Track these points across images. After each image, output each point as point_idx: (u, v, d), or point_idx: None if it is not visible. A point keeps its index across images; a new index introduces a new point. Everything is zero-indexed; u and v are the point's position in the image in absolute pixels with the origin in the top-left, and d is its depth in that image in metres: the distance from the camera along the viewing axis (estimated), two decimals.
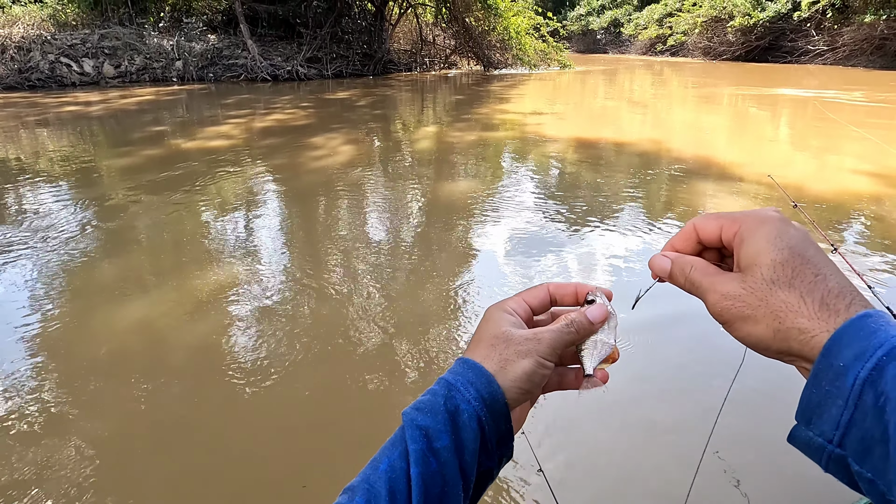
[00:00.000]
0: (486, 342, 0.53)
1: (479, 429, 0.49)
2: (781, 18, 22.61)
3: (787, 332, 0.41)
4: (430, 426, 0.48)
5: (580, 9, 41.95)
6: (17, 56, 13.81)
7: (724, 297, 0.45)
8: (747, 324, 0.44)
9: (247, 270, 3.28)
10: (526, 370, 0.51)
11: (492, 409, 0.49)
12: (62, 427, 2.01)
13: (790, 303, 0.42)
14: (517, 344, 0.52)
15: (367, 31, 17.87)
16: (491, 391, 0.50)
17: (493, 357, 0.51)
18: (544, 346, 0.52)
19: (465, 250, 3.61)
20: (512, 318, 0.55)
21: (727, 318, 0.45)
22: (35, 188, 5.00)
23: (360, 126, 8.31)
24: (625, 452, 1.93)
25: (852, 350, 0.38)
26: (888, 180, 5.00)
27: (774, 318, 0.42)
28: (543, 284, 0.59)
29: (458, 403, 0.49)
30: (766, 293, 0.43)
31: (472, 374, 0.51)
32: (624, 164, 5.85)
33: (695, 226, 0.51)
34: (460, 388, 0.50)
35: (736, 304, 0.44)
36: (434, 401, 0.49)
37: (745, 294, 0.44)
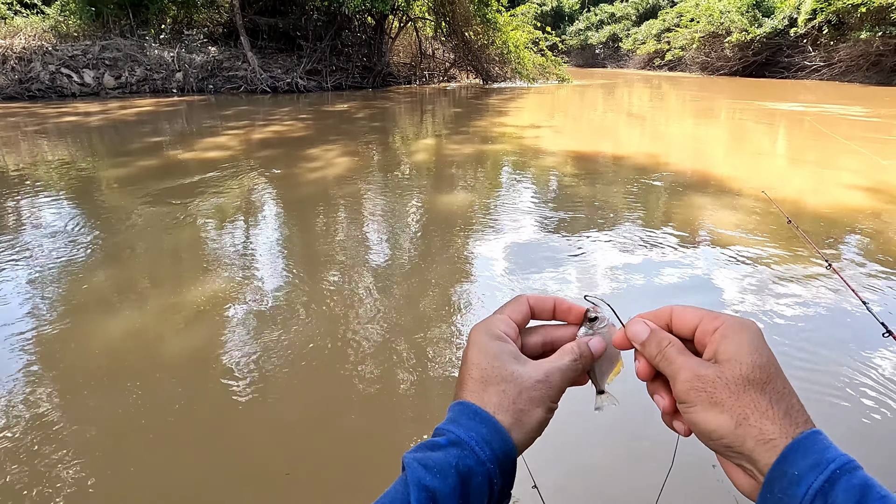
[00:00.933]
0: (494, 387, 0.49)
1: (490, 490, 0.46)
2: (778, 34, 22.82)
3: (749, 429, 0.43)
4: (439, 489, 0.44)
5: (579, 24, 42.39)
6: (17, 66, 13.89)
7: (699, 378, 0.46)
8: (712, 410, 0.44)
9: (241, 280, 3.26)
10: (540, 420, 0.49)
11: (503, 466, 0.47)
12: (58, 433, 1.98)
13: (760, 404, 0.43)
14: (530, 389, 0.49)
15: (366, 44, 18.01)
16: (506, 450, 0.47)
17: (506, 406, 0.48)
18: (555, 389, 0.50)
19: (459, 262, 3.59)
20: (510, 348, 0.51)
21: (694, 399, 0.46)
22: (31, 197, 4.99)
23: (357, 138, 8.34)
24: (621, 469, 1.89)
25: (807, 461, 0.40)
26: (882, 195, 5.00)
27: (741, 414, 0.43)
28: (522, 297, 0.56)
29: (472, 465, 0.45)
30: (739, 388, 0.44)
31: (487, 431, 0.47)
32: (621, 178, 5.86)
33: (672, 311, 0.52)
34: (475, 448, 0.46)
35: (707, 389, 0.45)
36: (445, 460, 0.45)
37: (719, 382, 0.45)
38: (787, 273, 3.37)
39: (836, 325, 2.80)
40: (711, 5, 26.21)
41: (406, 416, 2.17)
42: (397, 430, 2.08)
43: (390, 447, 1.99)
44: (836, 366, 2.44)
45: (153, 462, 1.91)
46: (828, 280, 3.26)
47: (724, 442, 0.44)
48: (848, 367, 2.43)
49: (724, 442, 0.44)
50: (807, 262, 3.53)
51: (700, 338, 0.49)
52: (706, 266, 3.49)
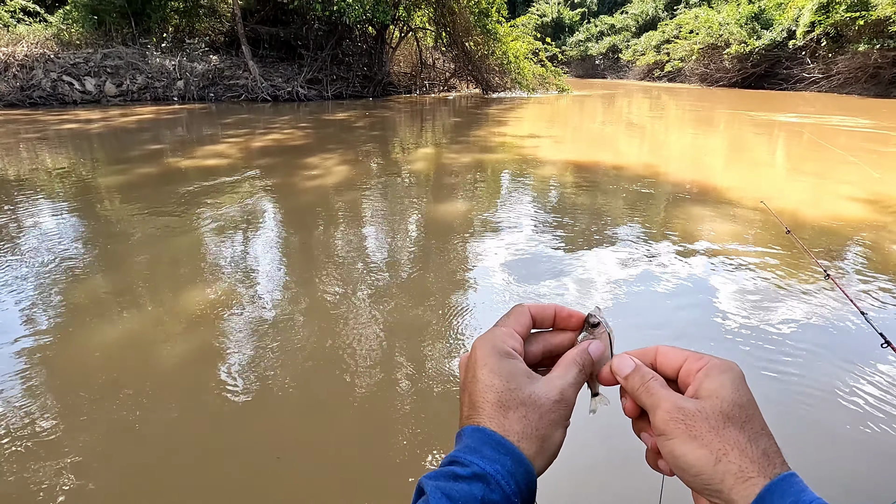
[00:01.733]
0: (514, 413, 0.47)
1: None
2: (777, 46, 22.96)
3: (729, 465, 0.43)
4: None
5: (579, 35, 42.68)
6: (19, 74, 13.95)
7: (680, 411, 0.46)
8: (692, 444, 0.44)
9: (238, 287, 3.24)
10: (558, 442, 0.49)
11: (524, 498, 0.45)
12: (53, 440, 1.96)
13: (739, 441, 0.44)
14: (549, 411, 0.48)
15: (367, 54, 18.11)
16: (529, 482, 0.46)
17: (530, 433, 0.47)
18: (571, 408, 0.50)
19: (457, 271, 3.57)
20: (522, 367, 0.50)
21: (673, 430, 0.45)
22: (29, 204, 4.98)
23: (356, 147, 8.35)
24: (620, 480, 1.86)
25: (785, 501, 0.40)
26: (879, 207, 4.99)
27: (721, 450, 0.43)
28: (523, 307, 0.55)
29: (497, 500, 0.44)
30: (719, 424, 0.44)
31: (512, 464, 0.45)
32: (619, 188, 5.85)
33: (658, 350, 0.52)
34: (501, 482, 0.44)
35: (687, 422, 0.45)
36: (470, 494, 0.43)
37: (699, 417, 0.45)
38: (785, 283, 3.35)
39: (834, 335, 2.78)
40: (711, 17, 26.41)
41: (403, 421, 2.14)
42: (395, 439, 2.05)
43: (388, 455, 1.96)
44: (833, 376, 2.42)
45: (150, 463, 1.88)
46: (826, 290, 3.24)
47: (703, 479, 0.43)
48: (845, 377, 2.40)
49: (703, 479, 0.43)
50: (805, 271, 3.51)
51: (684, 377, 0.50)
52: (704, 276, 3.48)
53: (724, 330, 2.82)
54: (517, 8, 47.14)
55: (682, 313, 3.03)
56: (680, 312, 3.05)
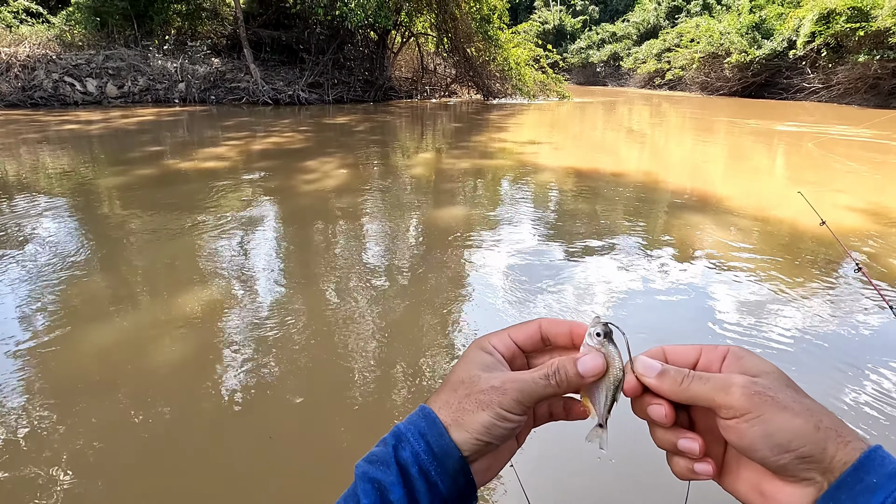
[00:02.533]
0: (449, 386, 0.49)
1: (429, 484, 0.44)
2: (777, 56, 23.04)
3: (828, 432, 0.39)
4: (383, 479, 0.44)
5: (580, 42, 42.84)
6: (21, 74, 13.97)
7: (756, 384, 0.42)
8: (786, 414, 0.40)
9: (232, 290, 3.22)
10: (484, 423, 0.46)
11: (443, 463, 0.45)
12: (49, 441, 1.94)
13: (820, 408, 0.41)
14: (480, 392, 0.47)
15: (369, 59, 18.16)
16: (442, 445, 0.45)
17: (451, 403, 0.47)
18: (508, 398, 0.46)
19: (453, 276, 3.56)
20: (487, 359, 0.49)
21: (761, 406, 0.40)
22: (25, 204, 4.96)
23: (355, 151, 8.35)
24: (619, 492, 1.84)
25: (885, 469, 0.37)
26: (881, 217, 4.99)
27: (814, 415, 0.40)
28: (536, 320, 0.52)
29: (408, 456, 0.45)
30: (796, 394, 0.41)
31: (425, 425, 0.46)
32: (619, 196, 5.85)
33: (664, 350, 0.49)
34: (410, 439, 0.46)
35: (769, 394, 0.41)
36: (385, 451, 0.46)
37: (776, 388, 0.42)
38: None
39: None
40: (711, 26, 26.50)
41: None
42: None
43: None
44: (864, 369, 2.42)
45: (147, 464, 1.86)
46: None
47: (804, 450, 0.39)
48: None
49: (804, 450, 0.39)
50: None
51: (706, 367, 0.46)
52: (714, 280, 3.46)
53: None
54: (519, 15, 47.35)
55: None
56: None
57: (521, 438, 0.52)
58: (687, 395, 0.44)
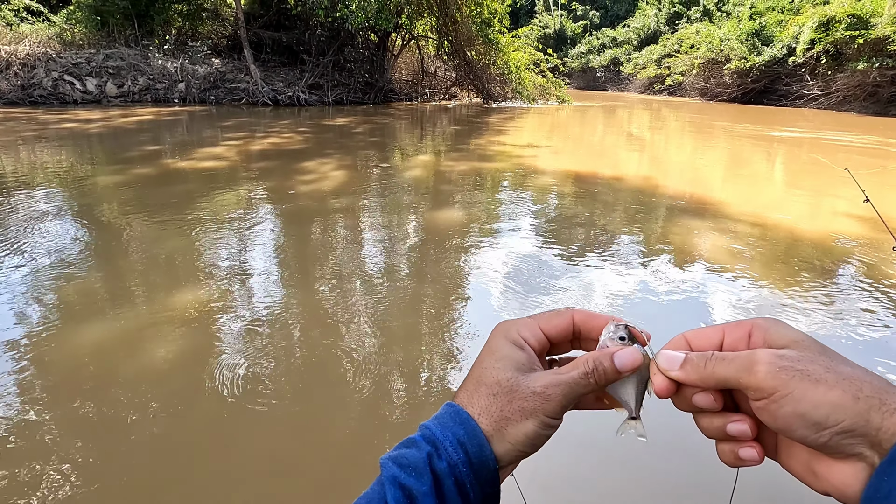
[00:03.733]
0: (486, 389, 0.45)
1: (461, 495, 0.42)
2: (777, 63, 23.09)
3: (870, 401, 0.35)
4: (414, 487, 0.41)
5: (581, 47, 42.93)
6: (20, 72, 13.96)
7: (783, 359, 0.38)
8: (820, 388, 0.36)
9: (226, 290, 3.20)
10: (528, 434, 0.44)
11: (479, 474, 0.43)
12: (44, 441, 1.93)
13: (860, 375, 0.36)
14: (522, 399, 0.44)
15: (369, 61, 18.17)
16: (481, 457, 0.43)
17: (493, 412, 0.44)
18: (554, 404, 0.44)
19: (450, 279, 3.54)
20: (521, 357, 0.46)
21: (789, 383, 0.37)
22: (21, 202, 4.95)
23: (353, 152, 8.34)
24: (621, 499, 1.83)
25: None
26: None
27: (851, 385, 0.36)
28: (568, 311, 0.50)
29: (444, 466, 0.42)
30: (830, 362, 0.37)
31: (464, 433, 0.44)
32: (617, 199, 5.84)
33: (685, 336, 0.46)
34: (448, 448, 0.43)
35: (798, 367, 0.37)
36: (419, 457, 0.43)
37: (806, 360, 0.38)
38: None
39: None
40: (711, 33, 26.57)
41: (398, 425, 2.10)
42: (392, 444, 2.01)
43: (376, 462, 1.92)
44: None
45: (143, 465, 1.84)
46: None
47: (844, 425, 0.35)
48: None
49: (844, 425, 0.35)
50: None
51: (732, 346, 0.43)
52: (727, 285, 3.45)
53: None
54: (520, 19, 47.46)
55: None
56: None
57: None
58: (714, 380, 0.41)
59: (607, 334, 0.47)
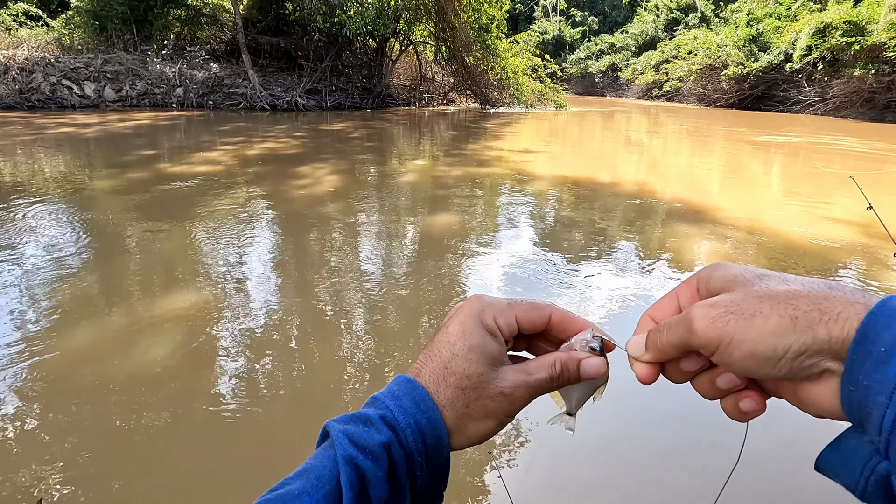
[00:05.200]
0: (455, 380, 0.44)
1: (412, 483, 0.42)
2: (774, 69, 23.17)
3: (808, 315, 0.33)
4: (370, 472, 0.40)
5: (579, 53, 43.06)
6: (19, 77, 13.99)
7: (713, 305, 0.37)
8: (755, 323, 0.35)
9: (218, 294, 3.19)
10: (486, 432, 0.44)
11: (432, 463, 0.43)
12: (40, 443, 1.92)
13: (797, 291, 0.35)
14: (489, 398, 0.43)
15: (367, 66, 18.22)
16: (438, 448, 0.43)
17: (458, 406, 0.43)
18: (517, 406, 0.44)
19: (442, 283, 3.54)
20: (494, 348, 0.45)
21: (726, 328, 0.36)
22: (14, 206, 4.94)
23: (349, 157, 8.35)
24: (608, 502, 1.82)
25: (893, 331, 0.31)
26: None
27: (787, 307, 0.34)
28: (548, 307, 0.48)
29: (401, 454, 0.42)
30: (764, 291, 0.36)
31: (426, 423, 0.42)
32: (614, 205, 5.85)
33: (648, 314, 0.46)
34: (409, 437, 0.42)
35: (731, 308, 0.36)
36: (377, 441, 0.41)
37: (738, 297, 0.37)
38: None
39: None
40: (709, 39, 26.66)
41: None
42: None
43: None
44: None
45: (140, 467, 1.83)
46: None
47: (794, 349, 0.34)
48: None
49: (794, 349, 0.34)
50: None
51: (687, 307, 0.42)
52: None
53: None
54: (519, 25, 47.63)
55: None
56: None
57: None
58: (670, 350, 0.41)
59: (581, 339, 0.47)
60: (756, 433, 2.07)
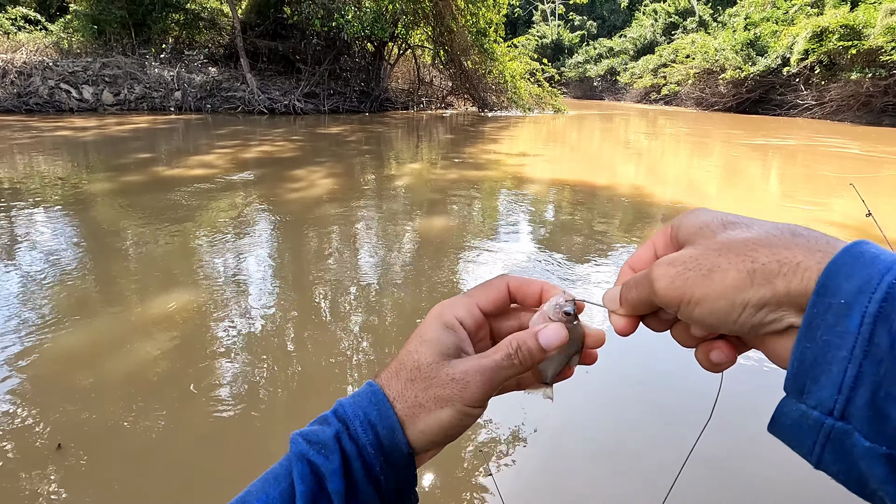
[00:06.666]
0: (405, 373, 0.43)
1: (370, 478, 0.41)
2: (771, 73, 23.24)
3: (766, 267, 0.32)
4: (322, 465, 0.40)
5: (578, 57, 43.21)
6: (17, 80, 14.00)
7: (672, 262, 0.36)
8: (713, 279, 0.34)
9: (211, 297, 3.18)
10: (442, 423, 0.42)
11: (390, 458, 0.41)
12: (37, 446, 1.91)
13: (758, 239, 0.33)
14: (439, 386, 0.42)
15: (365, 70, 18.27)
16: (393, 441, 0.41)
17: (407, 397, 0.42)
18: (472, 390, 0.42)
19: (435, 286, 3.53)
20: (448, 339, 0.44)
21: (682, 287, 0.35)
22: (8, 209, 4.93)
23: (345, 160, 8.35)
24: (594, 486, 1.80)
25: (854, 281, 0.29)
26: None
27: (745, 259, 0.33)
28: (502, 278, 0.47)
29: (352, 448, 0.41)
30: (724, 242, 0.35)
31: (376, 414, 0.42)
32: (612, 208, 5.85)
33: (629, 265, 0.44)
34: (358, 429, 0.41)
35: (689, 264, 0.35)
36: (328, 434, 0.41)
37: (698, 253, 0.35)
38: None
39: None
40: (707, 43, 26.77)
41: None
42: None
43: None
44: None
45: (138, 469, 1.81)
46: None
47: (752, 303, 0.32)
48: None
49: (752, 303, 0.32)
50: None
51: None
52: None
53: None
54: (518, 29, 47.81)
55: None
56: None
57: None
58: (641, 308, 0.40)
59: (553, 305, 0.45)
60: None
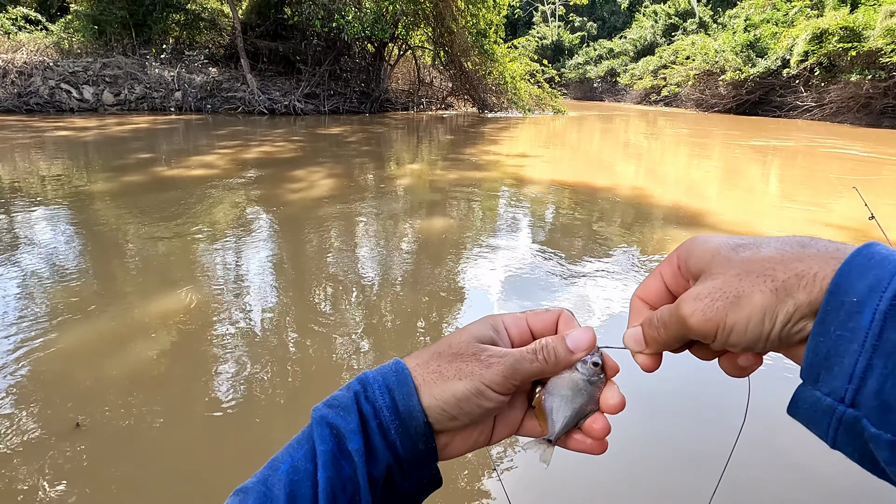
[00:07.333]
0: (435, 348, 0.45)
1: (387, 442, 0.42)
2: (771, 74, 23.26)
3: (787, 283, 0.34)
4: (342, 426, 0.41)
5: (578, 58, 43.23)
6: (17, 81, 14.01)
7: (698, 297, 0.37)
8: (741, 304, 0.35)
9: (212, 297, 3.19)
10: (456, 393, 0.42)
11: (406, 424, 0.42)
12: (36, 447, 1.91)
13: (772, 257, 0.36)
14: (462, 360, 0.43)
15: (365, 71, 18.29)
16: (409, 406, 0.42)
17: (431, 366, 0.44)
18: (493, 371, 0.43)
19: (433, 287, 3.54)
20: (488, 334, 0.45)
21: (715, 318, 0.36)
22: (8, 209, 4.94)
23: (345, 161, 8.36)
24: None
25: (866, 281, 0.31)
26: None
27: (766, 279, 0.35)
28: (557, 310, 0.49)
29: (369, 408, 0.42)
30: (741, 266, 0.37)
31: (395, 380, 0.43)
32: (612, 209, 5.85)
33: (639, 298, 0.46)
34: (376, 390, 0.43)
35: (715, 295, 0.37)
36: (347, 397, 0.43)
37: (720, 283, 0.37)
38: None
39: None
40: (707, 44, 26.78)
41: None
42: None
43: None
44: None
45: (136, 471, 1.82)
46: None
47: (780, 318, 0.34)
48: None
49: (780, 318, 0.34)
50: None
51: (675, 287, 0.43)
52: None
53: None
54: (518, 30, 47.85)
55: None
56: None
57: (495, 435, 0.48)
58: (673, 344, 0.41)
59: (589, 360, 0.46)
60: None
